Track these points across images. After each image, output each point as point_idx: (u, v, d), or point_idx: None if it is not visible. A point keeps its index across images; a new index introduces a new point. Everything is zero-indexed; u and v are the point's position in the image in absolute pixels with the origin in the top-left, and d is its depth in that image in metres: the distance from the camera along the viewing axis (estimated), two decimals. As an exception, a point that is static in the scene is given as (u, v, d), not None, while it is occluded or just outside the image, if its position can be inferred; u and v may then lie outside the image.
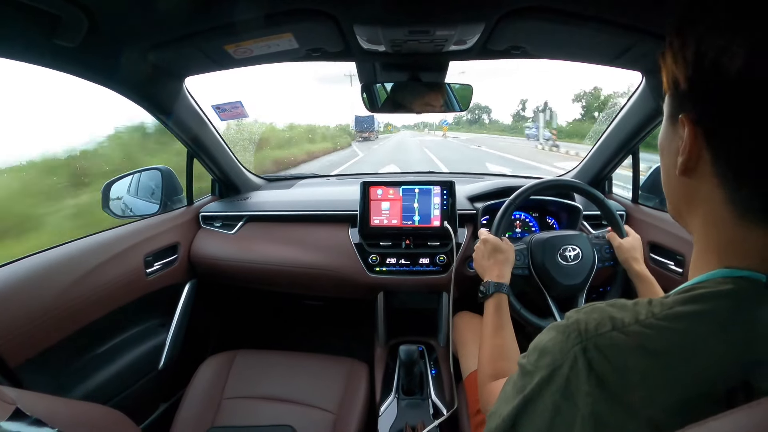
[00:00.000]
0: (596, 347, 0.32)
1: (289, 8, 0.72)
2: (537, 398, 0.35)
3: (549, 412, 0.33)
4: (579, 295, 0.95)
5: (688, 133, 0.33)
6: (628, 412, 0.29)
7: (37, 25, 0.64)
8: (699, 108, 0.32)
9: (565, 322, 0.36)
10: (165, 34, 0.80)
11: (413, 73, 1.06)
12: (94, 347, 1.02)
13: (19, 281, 0.83)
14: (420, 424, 0.98)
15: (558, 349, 0.35)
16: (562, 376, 0.33)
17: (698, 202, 0.35)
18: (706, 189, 0.33)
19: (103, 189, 1.23)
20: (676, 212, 0.40)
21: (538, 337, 0.39)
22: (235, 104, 1.22)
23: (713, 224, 0.34)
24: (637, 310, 0.33)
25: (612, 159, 1.30)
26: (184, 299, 1.29)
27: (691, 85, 0.32)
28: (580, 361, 0.32)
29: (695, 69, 0.31)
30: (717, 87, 0.30)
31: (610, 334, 0.32)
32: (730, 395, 0.28)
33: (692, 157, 0.33)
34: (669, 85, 0.35)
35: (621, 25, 0.75)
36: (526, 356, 0.40)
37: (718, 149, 0.32)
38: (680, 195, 0.37)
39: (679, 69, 0.33)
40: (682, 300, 0.32)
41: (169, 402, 1.25)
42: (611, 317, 0.33)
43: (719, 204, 0.33)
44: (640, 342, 0.31)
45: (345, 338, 1.67)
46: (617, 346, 0.31)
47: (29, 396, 0.59)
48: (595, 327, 0.33)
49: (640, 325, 0.31)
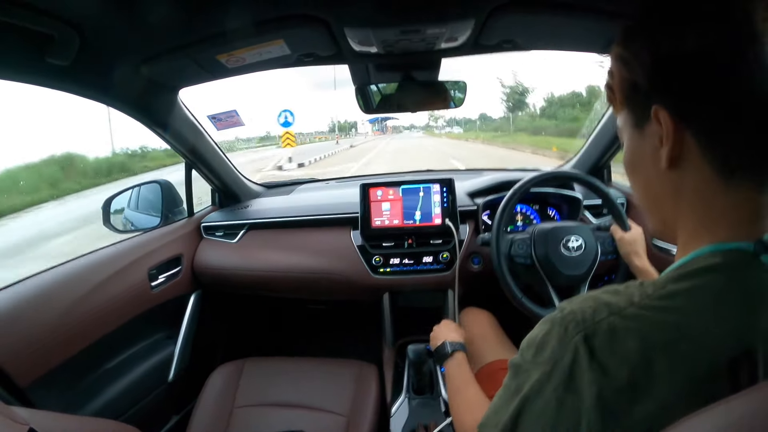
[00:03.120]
0: (596, 334, 0.32)
1: (279, 15, 0.72)
2: (537, 396, 0.34)
3: (552, 408, 0.32)
4: (581, 285, 0.95)
5: (666, 120, 0.33)
6: (633, 395, 0.29)
7: (30, 44, 0.64)
8: (669, 92, 0.33)
9: (560, 314, 0.35)
10: (157, 47, 0.80)
11: (406, 73, 1.06)
12: (103, 363, 1.02)
13: (25, 301, 0.83)
14: (432, 423, 0.98)
15: (557, 342, 0.34)
16: (564, 368, 0.32)
17: (685, 192, 0.35)
18: (693, 171, 0.34)
19: (103, 205, 1.23)
20: (661, 224, 0.40)
21: (532, 333, 0.38)
22: (231, 113, 1.23)
23: (702, 201, 0.34)
24: (630, 292, 0.33)
25: (609, 147, 1.30)
26: (190, 310, 1.29)
27: (654, 77, 0.34)
28: (581, 351, 0.31)
29: (654, 61, 0.33)
30: (678, 65, 0.32)
31: (608, 319, 0.32)
32: (732, 365, 0.28)
33: (677, 143, 0.33)
34: (626, 96, 0.37)
35: (610, 13, 0.75)
36: (521, 354, 0.38)
37: (698, 123, 0.33)
38: (666, 197, 0.37)
39: (636, 71, 0.35)
40: (673, 278, 0.33)
41: (180, 414, 1.25)
42: (606, 303, 0.33)
43: (707, 181, 0.33)
44: (637, 324, 0.31)
45: (352, 341, 1.67)
46: (616, 331, 0.31)
47: (42, 415, 0.59)
48: (592, 315, 0.33)
49: (636, 307, 0.31)
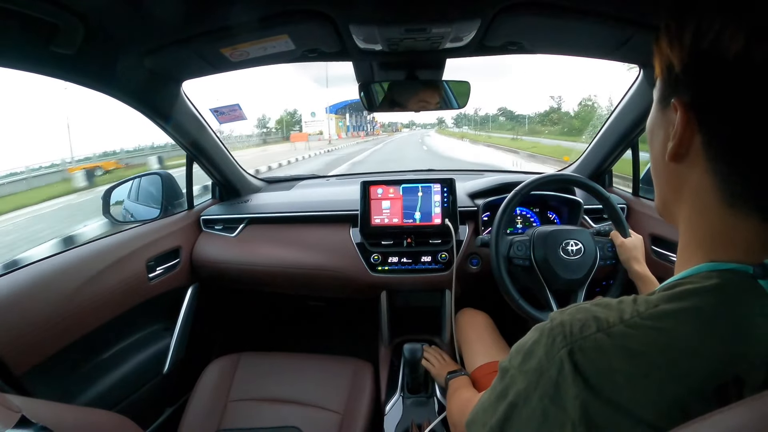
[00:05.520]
0: (581, 350, 0.31)
1: (284, 9, 0.72)
2: (524, 404, 0.34)
3: (538, 417, 0.32)
4: (579, 290, 0.95)
5: (680, 117, 0.32)
6: (618, 413, 0.29)
7: (35, 33, 0.64)
8: (693, 91, 0.31)
9: (550, 324, 0.35)
10: (161, 39, 0.80)
11: (410, 72, 1.06)
12: (99, 353, 1.02)
13: (22, 289, 0.83)
14: (426, 422, 0.98)
15: (544, 353, 0.33)
16: (550, 380, 0.32)
17: (686, 191, 0.34)
18: (696, 176, 0.33)
19: (104, 195, 1.23)
20: (662, 203, 0.39)
21: (522, 339, 0.38)
22: (233, 107, 1.23)
23: (700, 214, 0.34)
24: (622, 308, 0.32)
25: (611, 152, 1.30)
26: (187, 303, 1.29)
27: (687, 68, 0.32)
28: (566, 365, 0.31)
29: (692, 51, 0.31)
30: (713, 69, 0.29)
31: (594, 336, 0.31)
32: (720, 391, 0.28)
33: (683, 143, 0.32)
34: (662, 69, 0.35)
35: (617, 17, 0.75)
36: (509, 359, 0.38)
37: (710, 134, 0.31)
38: (668, 183, 0.37)
39: (674, 52, 0.32)
40: (666, 297, 0.32)
41: (174, 406, 1.25)
42: (596, 317, 0.32)
43: (708, 192, 0.32)
44: (623, 343, 0.30)
45: (349, 338, 1.67)
46: (601, 348, 0.30)
47: (35, 403, 0.59)
48: (580, 329, 0.32)
49: (625, 325, 0.31)
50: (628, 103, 1.15)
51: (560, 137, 17.74)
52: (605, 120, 1.28)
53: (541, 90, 37.01)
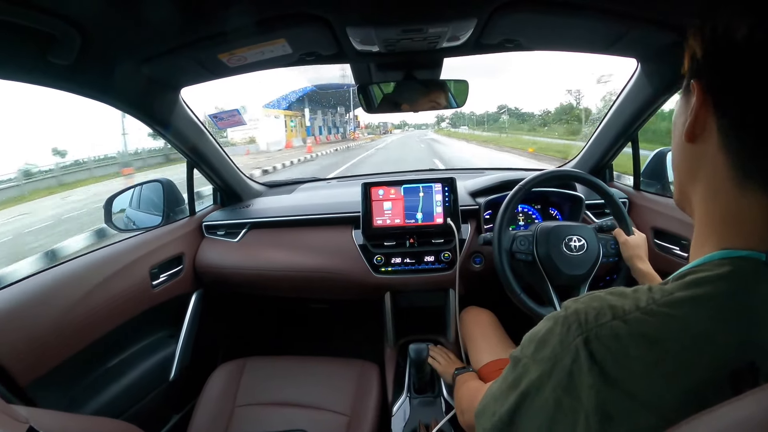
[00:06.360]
0: (597, 338, 0.31)
1: (281, 14, 0.72)
2: (536, 393, 0.34)
3: (550, 407, 0.32)
4: (582, 286, 0.95)
5: (697, 95, 0.34)
6: (633, 402, 0.29)
7: (31, 44, 0.64)
8: (710, 74, 0.33)
9: (564, 312, 0.35)
10: (158, 46, 0.80)
11: (408, 72, 1.06)
12: (104, 361, 1.02)
13: (26, 299, 0.84)
14: (433, 422, 0.98)
15: (558, 341, 0.33)
16: (564, 369, 0.32)
17: (701, 172, 0.35)
18: (710, 155, 0.34)
19: (105, 204, 1.23)
20: (679, 190, 0.40)
21: (535, 329, 0.38)
22: (233, 112, 1.23)
23: (714, 196, 0.34)
24: (638, 296, 0.33)
25: (611, 147, 1.30)
26: (192, 309, 1.29)
27: (705, 54, 0.34)
28: (582, 354, 0.31)
29: (710, 39, 0.33)
30: (725, 52, 0.32)
31: (611, 323, 0.31)
32: (734, 378, 0.28)
33: (699, 121, 0.34)
34: (689, 60, 0.37)
35: (613, 12, 0.75)
36: (521, 348, 0.38)
37: (723, 113, 0.32)
38: (686, 166, 0.38)
39: (697, 42, 0.34)
40: (681, 285, 0.32)
41: (181, 413, 1.25)
42: (611, 306, 0.32)
43: (721, 171, 0.33)
44: (641, 330, 0.30)
45: (354, 340, 1.67)
46: (618, 336, 0.30)
47: (41, 414, 0.59)
48: (595, 317, 0.32)
49: (641, 312, 0.31)
50: (627, 97, 1.14)
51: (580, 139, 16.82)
52: (604, 115, 1.28)
53: (543, 86, 36.57)
